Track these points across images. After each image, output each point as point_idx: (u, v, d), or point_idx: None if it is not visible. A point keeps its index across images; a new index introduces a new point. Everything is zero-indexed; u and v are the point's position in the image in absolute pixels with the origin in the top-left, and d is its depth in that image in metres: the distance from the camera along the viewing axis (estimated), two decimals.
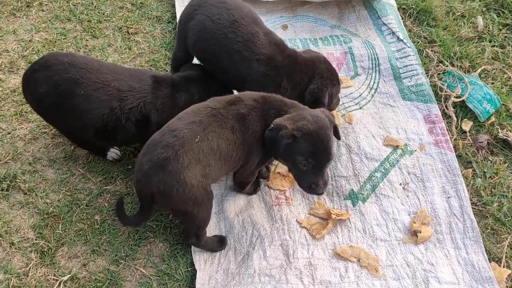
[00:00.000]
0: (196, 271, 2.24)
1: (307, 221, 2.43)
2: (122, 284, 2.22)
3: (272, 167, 2.61)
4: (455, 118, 2.80)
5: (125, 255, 2.31)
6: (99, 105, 2.25)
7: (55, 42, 3.15)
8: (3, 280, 2.20)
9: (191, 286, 2.22)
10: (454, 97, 2.85)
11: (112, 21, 3.31)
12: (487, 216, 2.48)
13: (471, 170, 2.63)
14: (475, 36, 3.27)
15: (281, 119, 2.07)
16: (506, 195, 2.54)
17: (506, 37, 3.26)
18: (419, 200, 2.51)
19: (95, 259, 2.30)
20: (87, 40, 3.19)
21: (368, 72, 3.05)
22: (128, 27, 3.27)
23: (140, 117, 2.31)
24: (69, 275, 2.23)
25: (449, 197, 2.51)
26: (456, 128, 2.79)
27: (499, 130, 2.77)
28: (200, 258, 2.29)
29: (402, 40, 3.15)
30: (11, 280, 2.20)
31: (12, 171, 2.53)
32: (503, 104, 2.88)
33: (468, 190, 2.53)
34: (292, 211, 2.46)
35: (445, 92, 2.89)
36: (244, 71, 2.39)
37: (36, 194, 2.47)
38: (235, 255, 2.32)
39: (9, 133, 2.70)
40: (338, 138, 2.23)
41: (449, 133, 2.75)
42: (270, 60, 2.39)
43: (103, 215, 2.43)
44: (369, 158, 2.64)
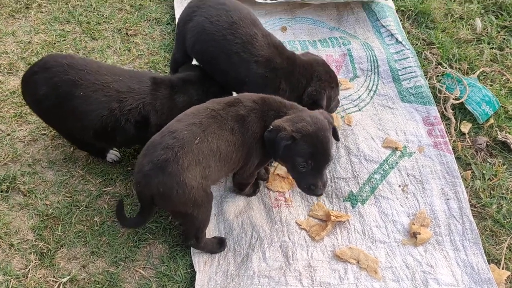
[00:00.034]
0: (196, 273, 2.24)
1: (307, 223, 2.43)
2: (122, 286, 2.22)
3: (272, 169, 2.61)
4: (454, 120, 2.81)
5: (125, 257, 2.31)
6: (99, 107, 2.25)
7: (54, 44, 3.16)
8: (3, 282, 2.20)
9: None
10: (453, 99, 2.86)
11: (111, 23, 3.31)
12: (486, 218, 2.48)
13: (470, 172, 2.63)
14: (474, 38, 3.27)
15: (280, 121, 2.07)
16: (505, 197, 2.54)
17: (505, 39, 3.27)
18: (418, 202, 2.51)
19: (95, 261, 2.30)
20: (86, 42, 3.19)
21: (367, 74, 3.06)
22: (127, 29, 3.27)
23: (139, 118, 2.31)
24: (69, 277, 2.23)
25: (448, 199, 2.51)
26: (455, 130, 2.80)
27: (498, 132, 2.78)
28: (200, 260, 2.29)
29: (401, 42, 3.15)
30: (11, 282, 2.20)
31: (12, 173, 2.53)
32: (502, 106, 2.88)
33: (467, 192, 2.53)
34: (292, 213, 2.46)
35: (444, 94, 2.90)
36: (243, 73, 2.40)
37: (36, 196, 2.47)
38: (235, 257, 2.32)
39: (9, 135, 2.70)
40: (337, 140, 2.25)
41: (448, 135, 2.75)
42: (269, 62, 2.39)
43: (103, 217, 2.43)
44: (368, 160, 2.64)
